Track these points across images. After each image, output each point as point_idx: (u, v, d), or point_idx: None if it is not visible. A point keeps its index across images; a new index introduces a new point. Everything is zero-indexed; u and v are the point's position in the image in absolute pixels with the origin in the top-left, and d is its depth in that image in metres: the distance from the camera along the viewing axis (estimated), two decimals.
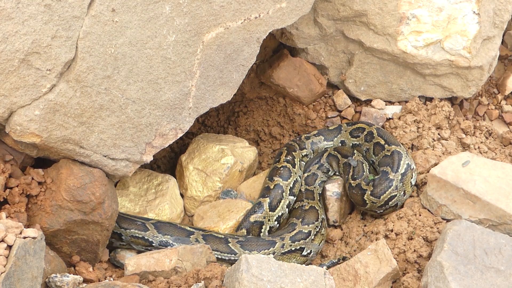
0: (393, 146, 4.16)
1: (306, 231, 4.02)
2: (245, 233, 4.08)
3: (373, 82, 4.61)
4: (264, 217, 4.14)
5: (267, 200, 4.18)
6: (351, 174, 4.17)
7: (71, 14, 3.23)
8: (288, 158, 4.37)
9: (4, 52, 3.16)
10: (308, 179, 4.33)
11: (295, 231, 4.03)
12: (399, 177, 4.01)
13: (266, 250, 3.92)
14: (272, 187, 4.23)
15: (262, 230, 4.14)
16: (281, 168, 4.30)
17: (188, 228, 3.98)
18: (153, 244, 3.90)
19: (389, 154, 4.13)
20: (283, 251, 3.96)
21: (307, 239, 4.01)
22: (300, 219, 4.08)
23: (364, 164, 4.22)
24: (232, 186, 4.36)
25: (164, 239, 3.90)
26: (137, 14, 3.37)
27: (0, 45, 3.14)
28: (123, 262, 3.87)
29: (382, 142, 4.23)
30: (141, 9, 3.38)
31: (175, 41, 3.52)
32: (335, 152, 4.34)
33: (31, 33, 3.18)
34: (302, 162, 4.43)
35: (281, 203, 4.22)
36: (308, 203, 4.17)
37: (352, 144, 4.41)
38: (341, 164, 4.29)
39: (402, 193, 4.01)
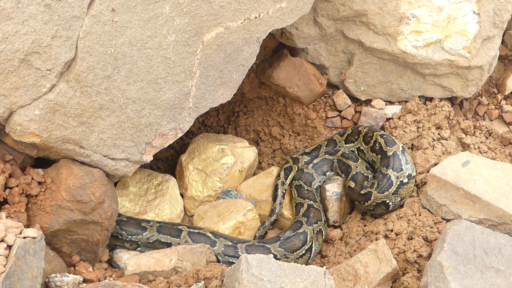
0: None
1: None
2: None
3: (373, 82, 4.61)
4: None
5: None
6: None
7: (71, 14, 3.23)
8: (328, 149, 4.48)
9: (4, 52, 3.16)
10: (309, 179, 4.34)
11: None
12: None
13: None
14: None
15: None
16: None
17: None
18: None
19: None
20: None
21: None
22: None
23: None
24: (232, 186, 4.36)
25: None
26: (137, 14, 3.37)
27: (0, 45, 3.14)
28: (120, 263, 3.88)
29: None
30: (141, 9, 3.38)
31: (175, 41, 3.52)
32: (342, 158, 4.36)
33: (31, 33, 3.17)
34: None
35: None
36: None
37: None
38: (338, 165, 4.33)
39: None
